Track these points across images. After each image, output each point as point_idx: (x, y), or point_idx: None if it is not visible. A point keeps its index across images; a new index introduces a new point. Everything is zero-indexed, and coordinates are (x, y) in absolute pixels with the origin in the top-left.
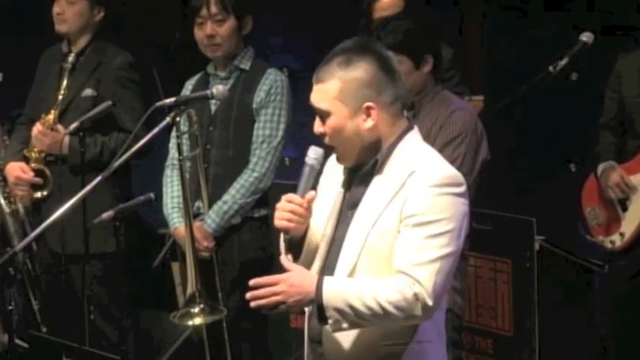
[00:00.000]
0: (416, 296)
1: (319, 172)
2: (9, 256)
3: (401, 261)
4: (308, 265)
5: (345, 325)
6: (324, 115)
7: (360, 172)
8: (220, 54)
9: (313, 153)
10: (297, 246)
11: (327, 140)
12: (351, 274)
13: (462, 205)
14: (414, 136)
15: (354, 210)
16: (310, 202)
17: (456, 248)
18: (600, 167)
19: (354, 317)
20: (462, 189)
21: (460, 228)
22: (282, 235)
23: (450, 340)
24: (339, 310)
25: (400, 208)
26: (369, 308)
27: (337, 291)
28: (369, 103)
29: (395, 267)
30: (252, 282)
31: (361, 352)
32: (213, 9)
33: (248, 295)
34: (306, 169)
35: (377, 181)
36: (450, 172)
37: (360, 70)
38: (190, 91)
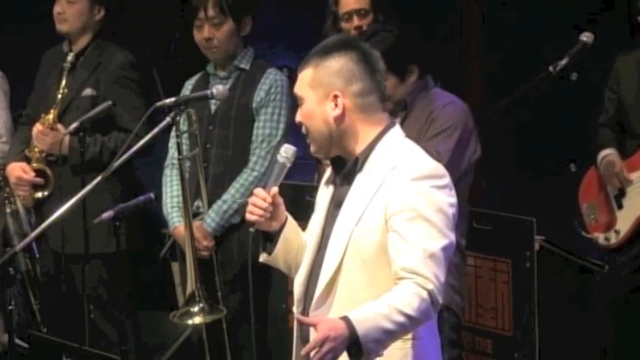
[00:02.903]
0: (430, 294)
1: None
2: (9, 256)
3: (403, 260)
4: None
5: (381, 352)
6: (301, 103)
7: (343, 172)
8: (218, 56)
9: (284, 151)
10: (268, 240)
11: (304, 130)
12: (337, 272)
13: (446, 197)
14: (395, 133)
15: (339, 209)
16: (273, 197)
17: (451, 240)
18: (601, 154)
19: (387, 341)
20: (445, 181)
21: (450, 219)
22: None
23: (447, 339)
24: (376, 340)
25: (384, 205)
26: (399, 323)
27: (367, 322)
28: (336, 92)
29: (396, 266)
30: (303, 353)
31: None
32: (211, 12)
33: None
34: (277, 166)
35: (359, 180)
36: (431, 165)
37: (333, 61)
38: (190, 91)
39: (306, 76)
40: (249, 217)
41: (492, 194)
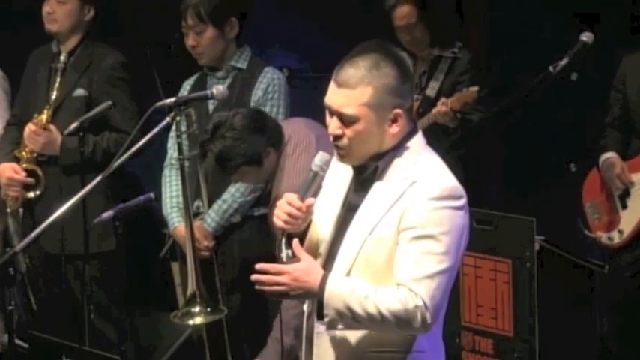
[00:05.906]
0: (417, 308)
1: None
2: (9, 256)
3: (400, 274)
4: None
5: (340, 326)
6: (352, 121)
7: (361, 177)
8: (206, 61)
9: (319, 159)
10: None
11: (344, 142)
12: None
13: (460, 219)
14: (418, 141)
15: (352, 214)
16: (309, 207)
17: (453, 263)
18: (602, 157)
19: (350, 320)
20: (462, 202)
21: (458, 242)
22: (280, 235)
23: None
24: (337, 311)
25: (398, 219)
26: (368, 313)
27: (339, 292)
28: (398, 110)
29: (395, 279)
30: (258, 266)
31: (350, 357)
32: (190, 21)
33: (252, 277)
34: (310, 175)
35: (377, 188)
36: (451, 184)
37: (389, 77)
38: (188, 91)
39: (361, 95)
40: (281, 225)
41: (492, 194)
